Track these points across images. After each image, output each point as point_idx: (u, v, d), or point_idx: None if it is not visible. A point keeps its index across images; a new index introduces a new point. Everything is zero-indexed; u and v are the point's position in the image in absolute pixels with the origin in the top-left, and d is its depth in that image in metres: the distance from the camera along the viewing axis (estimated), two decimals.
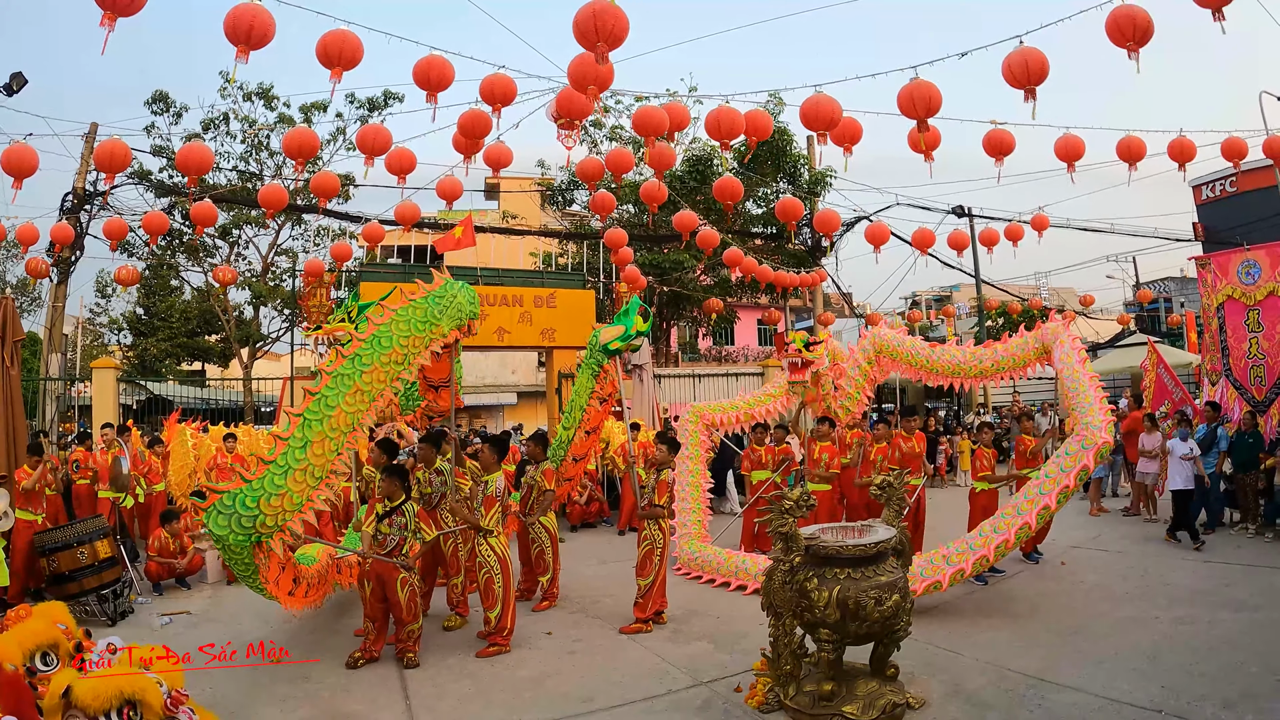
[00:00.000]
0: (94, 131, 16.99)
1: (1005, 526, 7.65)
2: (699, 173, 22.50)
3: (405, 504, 7.18)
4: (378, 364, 6.60)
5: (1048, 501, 7.63)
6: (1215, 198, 31.21)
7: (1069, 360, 8.62)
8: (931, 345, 9.88)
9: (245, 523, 5.90)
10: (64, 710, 4.86)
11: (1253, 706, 5.35)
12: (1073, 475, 7.65)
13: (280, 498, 6.02)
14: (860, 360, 10.00)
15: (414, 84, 8.15)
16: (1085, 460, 7.66)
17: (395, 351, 6.70)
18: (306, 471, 6.17)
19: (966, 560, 7.69)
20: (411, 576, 7.10)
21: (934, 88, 8.22)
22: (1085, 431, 7.80)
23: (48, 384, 16.89)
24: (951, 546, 7.89)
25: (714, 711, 5.79)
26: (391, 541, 7.06)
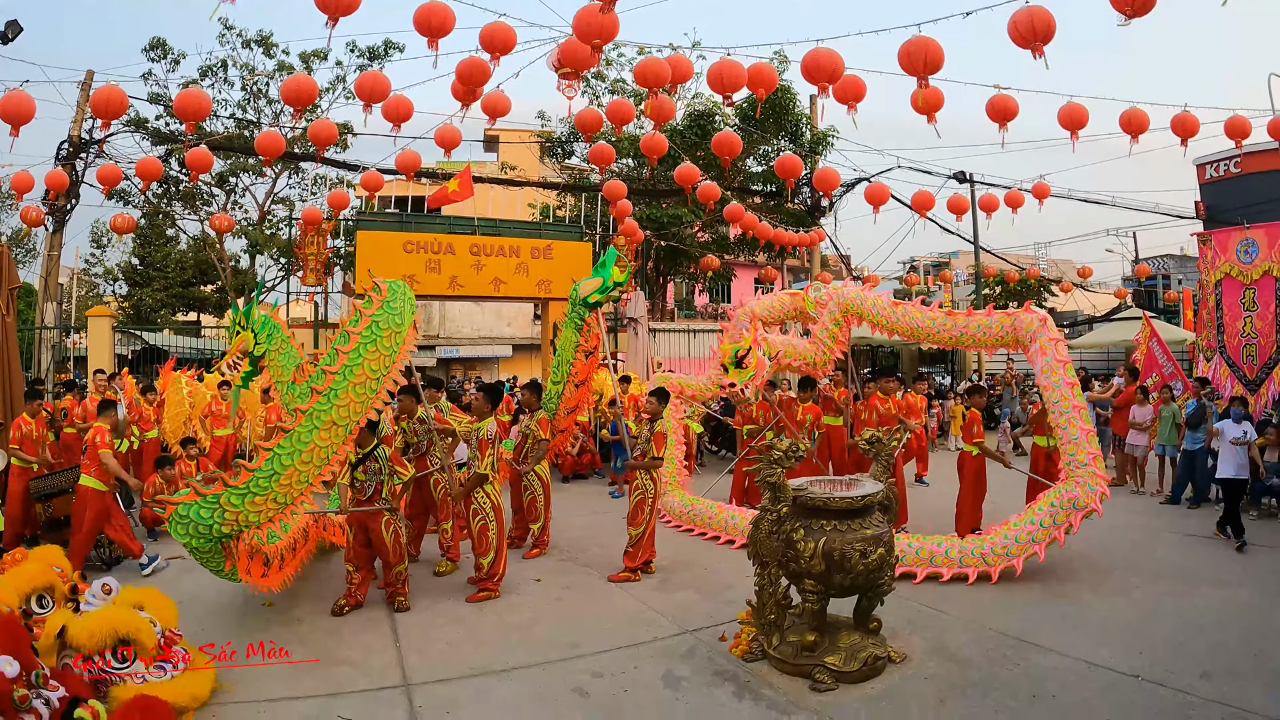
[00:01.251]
0: (90, 79, 16.79)
1: (993, 561, 7.72)
2: (700, 128, 22.35)
3: (377, 449, 7.20)
4: (349, 394, 6.60)
5: (1036, 549, 7.68)
6: (1219, 177, 31.01)
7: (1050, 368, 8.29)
8: (894, 304, 9.76)
9: (202, 529, 6.00)
10: (59, 650, 4.94)
11: (1229, 678, 5.43)
12: (1061, 531, 7.69)
13: (237, 515, 6.11)
14: (827, 320, 9.97)
15: (415, 31, 8.07)
16: (1073, 520, 7.68)
17: (365, 376, 6.70)
18: (269, 498, 6.26)
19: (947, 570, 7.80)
20: (395, 518, 7.16)
21: (936, 44, 8.15)
22: (1077, 488, 7.77)
23: (43, 333, 16.87)
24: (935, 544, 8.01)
25: (698, 659, 5.88)
26: (369, 488, 7.11)
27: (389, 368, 6.90)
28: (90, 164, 17.05)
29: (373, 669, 5.76)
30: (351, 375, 6.63)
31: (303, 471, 6.39)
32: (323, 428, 6.47)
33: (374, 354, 6.76)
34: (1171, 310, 28.97)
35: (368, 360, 6.72)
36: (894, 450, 6.53)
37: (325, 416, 6.49)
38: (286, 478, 6.30)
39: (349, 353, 6.70)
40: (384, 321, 6.90)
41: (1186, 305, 23.81)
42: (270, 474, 6.24)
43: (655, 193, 22.97)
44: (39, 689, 4.30)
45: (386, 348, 6.85)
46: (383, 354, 6.82)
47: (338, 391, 6.56)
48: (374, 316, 6.91)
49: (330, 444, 6.54)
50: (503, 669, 5.74)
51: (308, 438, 6.40)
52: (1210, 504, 11.33)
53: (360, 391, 6.67)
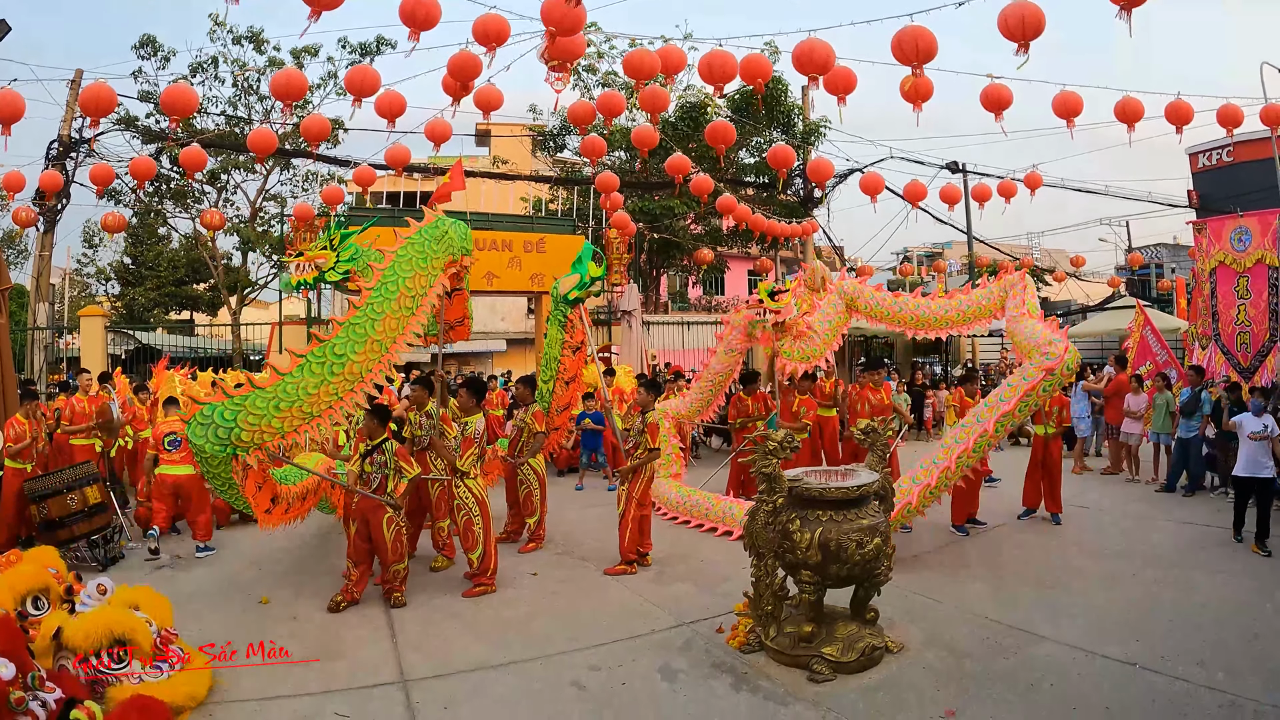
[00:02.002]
0: (79, 77, 16.71)
1: (965, 436, 7.80)
2: (692, 119, 22.31)
3: (386, 443, 7.16)
4: (388, 312, 6.52)
5: (1008, 408, 7.72)
6: (1211, 166, 31.11)
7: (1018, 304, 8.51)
8: (895, 295, 9.81)
9: (221, 434, 5.88)
10: (55, 651, 4.92)
11: (1224, 664, 5.44)
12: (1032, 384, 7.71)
13: (261, 421, 5.98)
14: (830, 312, 9.99)
15: (400, 22, 8.02)
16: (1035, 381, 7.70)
17: (403, 296, 6.63)
18: (296, 407, 6.12)
19: (931, 475, 7.85)
20: (398, 515, 7.14)
21: (929, 33, 8.13)
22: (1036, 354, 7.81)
23: (36, 334, 16.80)
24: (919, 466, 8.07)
25: (696, 651, 5.88)
26: (374, 480, 7.08)
27: (428, 288, 6.88)
28: (81, 163, 16.98)
29: (369, 665, 5.75)
30: (387, 292, 6.56)
31: (333, 384, 6.24)
32: (360, 341, 6.36)
33: (412, 274, 6.73)
34: (1165, 299, 29.05)
35: (406, 279, 6.67)
36: (889, 440, 6.53)
37: (363, 334, 6.38)
38: (316, 387, 6.17)
39: (385, 269, 6.67)
40: (421, 242, 6.90)
41: (1180, 294, 23.89)
42: (300, 381, 6.12)
43: (648, 185, 22.95)
44: (35, 691, 4.29)
45: (424, 267, 6.83)
46: (421, 274, 6.79)
47: (375, 305, 6.49)
48: (410, 238, 6.91)
49: (366, 361, 6.40)
50: (500, 663, 5.74)
51: (343, 349, 6.29)
52: (1205, 491, 11.38)
53: (398, 310, 6.59)
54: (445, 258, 7.18)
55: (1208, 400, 11.42)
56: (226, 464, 6.05)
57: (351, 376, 6.33)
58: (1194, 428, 11.29)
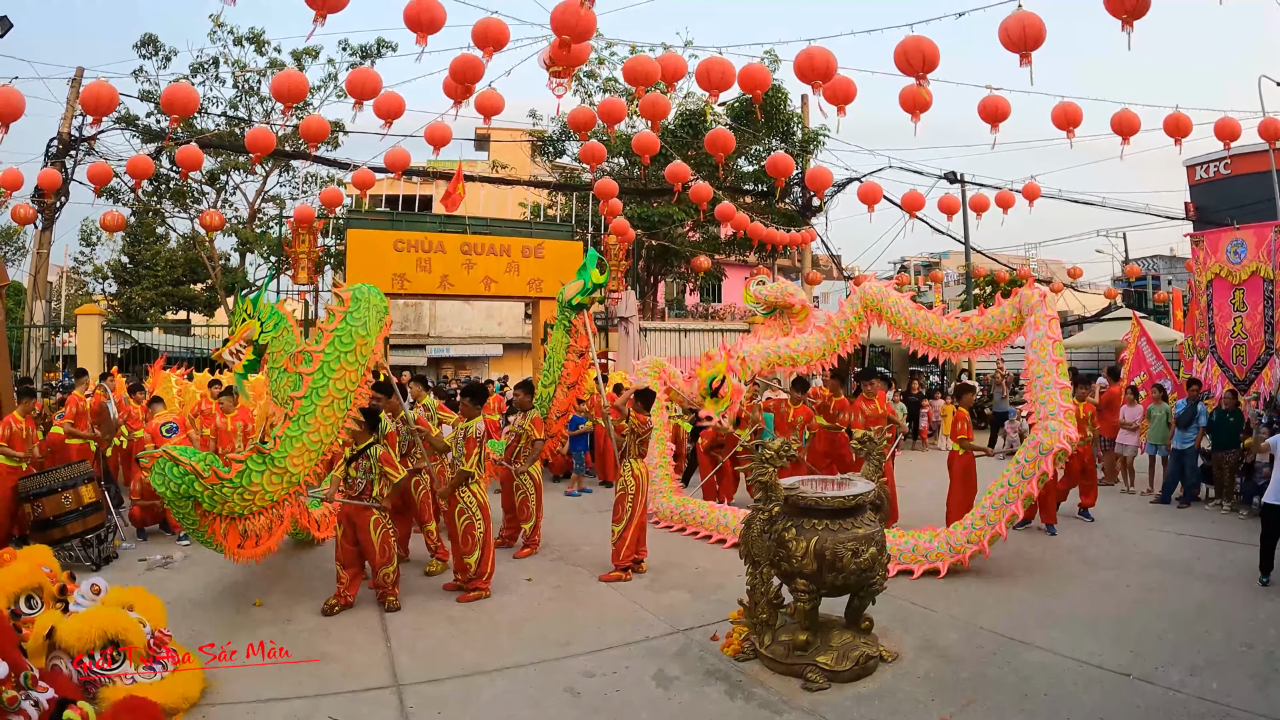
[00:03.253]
0: (80, 76, 16.71)
1: (978, 538, 7.77)
2: (691, 126, 22.34)
3: (371, 447, 7.15)
4: (318, 416, 6.63)
5: (1015, 509, 7.71)
6: (1209, 179, 31.22)
7: (1041, 343, 8.31)
8: (918, 307, 9.80)
9: (175, 486, 6.02)
10: (48, 651, 4.91)
11: (1217, 673, 5.46)
12: (1034, 482, 7.68)
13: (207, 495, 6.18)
14: (848, 314, 9.98)
15: (405, 26, 8.03)
16: (1044, 466, 7.66)
17: (335, 395, 6.72)
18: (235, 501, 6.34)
19: (943, 561, 7.86)
20: (384, 518, 7.13)
21: (932, 44, 8.15)
22: (1042, 435, 7.74)
23: (32, 332, 16.77)
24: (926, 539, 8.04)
25: (690, 658, 5.88)
26: (360, 485, 7.07)
27: (358, 382, 6.90)
28: (80, 161, 16.97)
29: (363, 669, 5.75)
30: (319, 398, 6.63)
31: (269, 490, 6.46)
32: (294, 453, 6.52)
33: (340, 372, 6.75)
34: (1161, 310, 29.07)
35: (334, 380, 6.71)
36: (885, 450, 6.54)
37: (298, 442, 6.52)
38: (252, 492, 6.37)
39: (313, 374, 6.67)
40: (347, 335, 6.85)
41: (1176, 305, 23.88)
42: (238, 487, 6.28)
43: (646, 192, 22.97)
44: (28, 690, 4.28)
45: (353, 363, 6.82)
46: (349, 370, 6.79)
47: (307, 416, 6.58)
48: (336, 331, 6.85)
49: (302, 467, 6.60)
50: (494, 668, 5.73)
51: (280, 461, 6.46)
52: (1200, 503, 11.39)
53: (330, 413, 6.69)
54: (379, 330, 7.15)
55: (1203, 412, 11.44)
56: (189, 507, 6.21)
57: (286, 482, 6.56)
58: (1189, 439, 11.32)
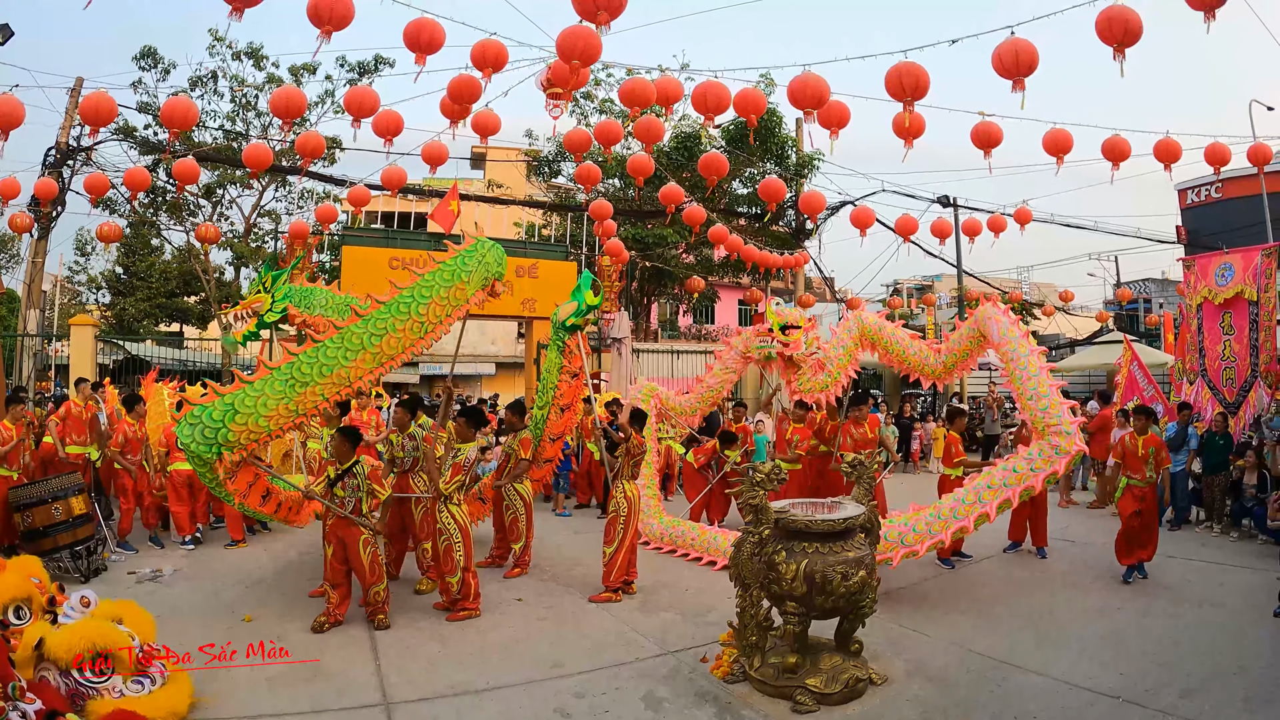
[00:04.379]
0: (79, 85, 16.74)
1: (965, 513, 7.69)
2: (686, 149, 22.44)
3: (356, 465, 7.12)
4: (391, 331, 6.54)
5: (1010, 495, 7.64)
6: (1200, 202, 31.43)
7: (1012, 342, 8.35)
8: (912, 337, 9.87)
9: (208, 434, 5.98)
10: (36, 662, 4.89)
11: (1209, 696, 5.48)
12: (1040, 478, 7.63)
13: (249, 419, 6.06)
14: (846, 340, 10.05)
15: (404, 46, 8.10)
16: (1056, 467, 7.61)
17: (414, 319, 6.65)
18: (283, 405, 6.20)
19: (921, 543, 7.76)
20: (374, 538, 7.11)
21: (922, 70, 8.24)
22: (1058, 437, 7.67)
23: (25, 341, 16.74)
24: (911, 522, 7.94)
25: (680, 680, 5.88)
26: (349, 504, 7.05)
27: (443, 318, 6.86)
28: (77, 171, 16.99)
29: (352, 686, 5.73)
30: (398, 312, 6.57)
31: (321, 386, 6.31)
32: (356, 351, 6.40)
33: (430, 301, 6.71)
34: (1153, 334, 29.18)
35: (421, 305, 6.66)
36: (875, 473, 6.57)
37: (359, 341, 6.42)
38: (304, 385, 6.24)
39: (403, 290, 6.67)
40: (449, 272, 6.86)
41: (1167, 329, 24.01)
42: (288, 378, 6.19)
43: (640, 213, 23.05)
44: (15, 701, 4.27)
45: (444, 298, 6.79)
46: (437, 303, 6.76)
47: (380, 321, 6.51)
48: (442, 264, 6.88)
49: (357, 370, 6.45)
50: (484, 688, 5.72)
51: (335, 353, 6.34)
52: (1190, 525, 11.44)
53: (404, 331, 6.60)
54: (479, 283, 7.18)
55: (1194, 435, 11.51)
56: (210, 463, 6.17)
57: (339, 381, 6.40)
58: (1180, 462, 11.39)
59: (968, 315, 9.13)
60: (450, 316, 6.97)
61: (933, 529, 7.77)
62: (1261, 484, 10.58)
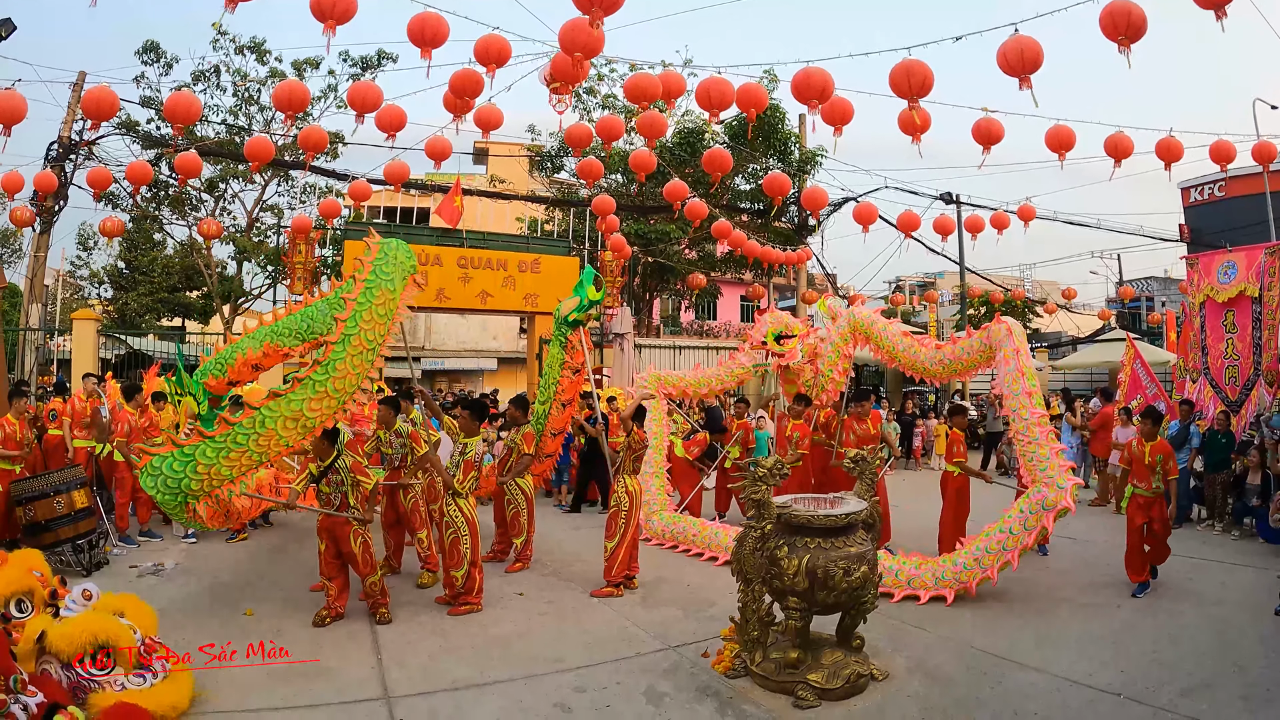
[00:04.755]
0: (82, 80, 16.74)
1: (967, 577, 7.70)
2: (689, 145, 22.43)
3: (338, 461, 7.11)
4: (342, 362, 6.60)
5: (1009, 558, 7.62)
6: (1203, 201, 31.36)
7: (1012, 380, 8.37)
8: (905, 334, 9.85)
9: (170, 484, 6.02)
10: (38, 655, 4.89)
11: (1209, 694, 5.48)
12: (1033, 536, 7.61)
13: (210, 469, 6.12)
14: (836, 337, 10.04)
15: (408, 41, 8.10)
16: (1046, 522, 7.58)
17: (361, 345, 6.69)
18: (245, 455, 6.27)
19: (925, 592, 7.78)
20: (363, 529, 7.09)
21: (927, 67, 8.24)
22: (1048, 489, 7.68)
23: (28, 335, 16.75)
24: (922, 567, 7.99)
25: (681, 675, 5.88)
26: (335, 500, 7.05)
27: (385, 334, 6.89)
28: (80, 165, 16.99)
29: (353, 681, 5.73)
30: (348, 345, 6.60)
31: (283, 435, 6.38)
32: (315, 397, 6.46)
33: (369, 322, 6.74)
34: (1155, 332, 29.15)
35: (364, 328, 6.70)
36: (878, 470, 6.56)
37: (321, 386, 6.47)
38: (266, 438, 6.30)
39: (346, 320, 6.69)
40: (374, 286, 6.86)
41: (1170, 327, 23.99)
42: (250, 433, 6.22)
43: (643, 209, 23.04)
44: (17, 694, 4.27)
45: (381, 314, 6.83)
46: (378, 321, 6.80)
47: (335, 362, 6.55)
48: (366, 281, 6.88)
49: (320, 413, 6.52)
50: (485, 682, 5.73)
51: (298, 405, 6.39)
52: (1192, 524, 11.43)
53: (358, 361, 6.66)
54: (402, 285, 7.15)
55: (1196, 433, 11.50)
56: (181, 508, 6.23)
57: (304, 425, 6.50)
58: (1182, 461, 11.36)
59: (983, 328, 8.99)
60: (391, 326, 6.99)
61: (940, 580, 7.80)
62: (1265, 485, 10.56)
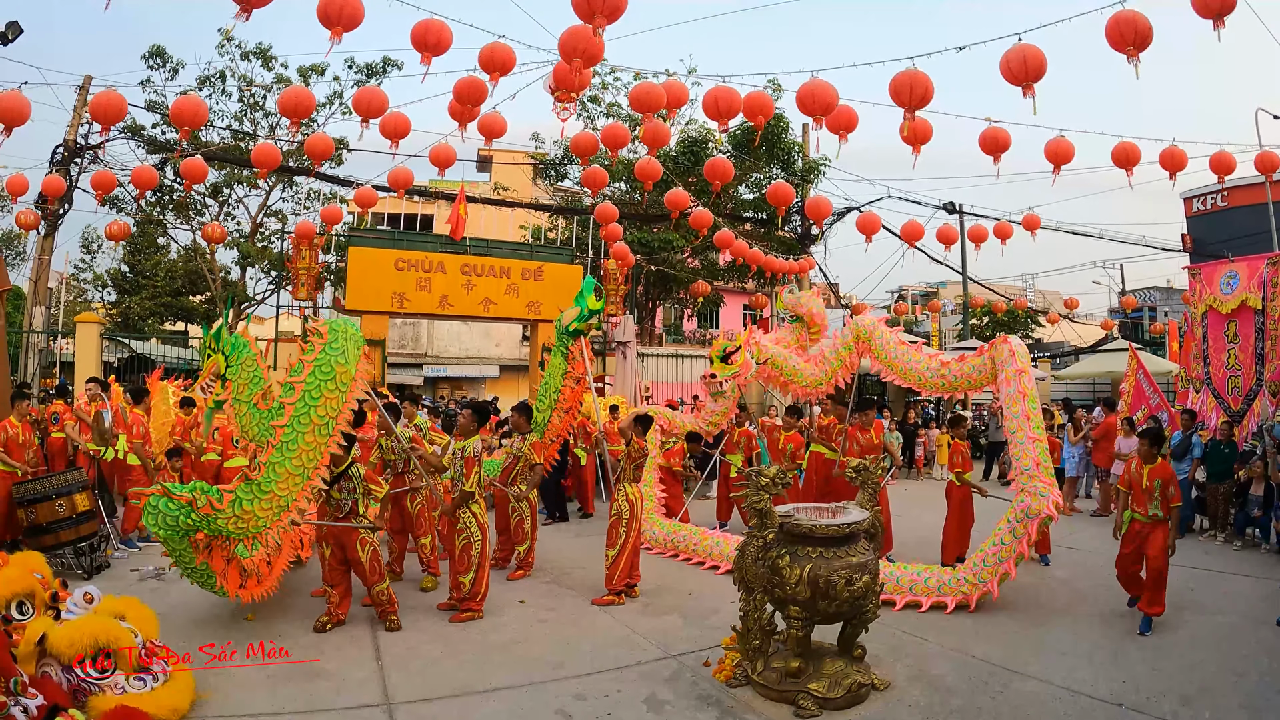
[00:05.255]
0: (88, 84, 16.80)
1: (969, 589, 7.75)
2: (693, 154, 22.47)
3: (351, 467, 7.14)
4: (301, 444, 6.59)
5: (1006, 568, 7.69)
6: (1205, 211, 31.37)
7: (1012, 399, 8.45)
8: (902, 344, 9.86)
9: (169, 520, 6.02)
10: (39, 658, 4.89)
11: (1210, 703, 5.48)
12: (1024, 543, 7.70)
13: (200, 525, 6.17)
14: (839, 346, 10.04)
15: (412, 47, 8.13)
16: (1030, 530, 7.70)
17: (315, 423, 6.66)
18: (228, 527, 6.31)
19: (928, 599, 7.84)
20: (371, 537, 7.10)
21: (927, 78, 8.26)
22: (1029, 499, 7.81)
23: (31, 337, 16.78)
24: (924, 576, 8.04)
25: (682, 683, 5.87)
26: (345, 506, 7.06)
27: (340, 409, 6.83)
28: (85, 169, 17.04)
29: (354, 686, 5.73)
30: (302, 426, 6.59)
31: (260, 516, 6.42)
32: (280, 479, 6.47)
33: (322, 400, 6.69)
34: (1157, 342, 29.15)
35: (316, 408, 6.65)
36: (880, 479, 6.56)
37: (283, 468, 6.49)
38: (245, 519, 6.33)
39: (295, 403, 6.64)
40: (327, 365, 6.79)
41: (1172, 337, 24.00)
42: (231, 516, 6.26)
43: (646, 217, 23.07)
44: (17, 696, 4.27)
45: (334, 390, 6.76)
46: (330, 397, 6.74)
47: (291, 444, 6.54)
48: (316, 361, 6.79)
49: (289, 491, 6.55)
50: (485, 689, 5.72)
51: (268, 487, 6.42)
52: (1194, 534, 11.42)
53: (313, 439, 6.64)
54: (356, 357, 7.06)
55: (1198, 443, 11.49)
56: (185, 545, 6.23)
57: (276, 505, 6.50)
58: (1184, 471, 11.36)
59: (990, 345, 9.03)
60: (349, 399, 6.93)
61: (943, 589, 7.86)
62: (1268, 496, 10.53)
